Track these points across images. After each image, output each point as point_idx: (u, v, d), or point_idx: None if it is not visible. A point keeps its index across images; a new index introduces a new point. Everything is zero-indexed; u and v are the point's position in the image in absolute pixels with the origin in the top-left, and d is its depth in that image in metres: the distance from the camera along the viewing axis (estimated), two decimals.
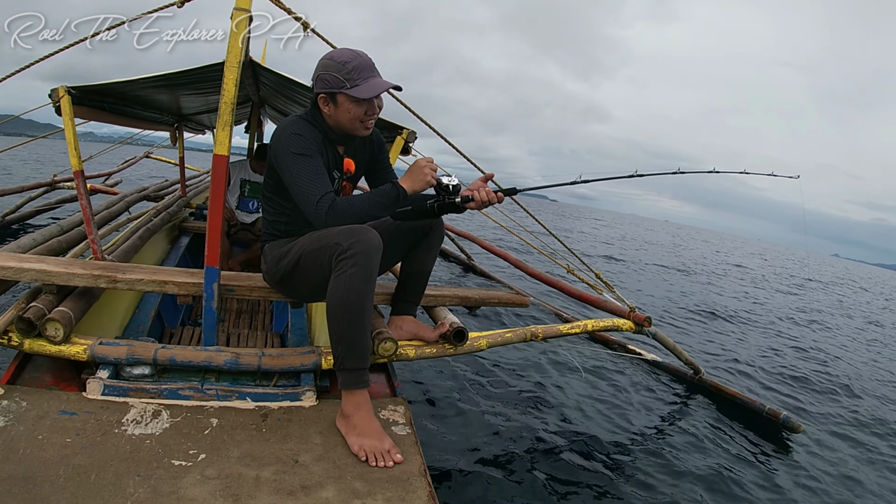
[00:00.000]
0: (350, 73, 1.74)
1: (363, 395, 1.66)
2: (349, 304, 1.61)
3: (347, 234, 1.65)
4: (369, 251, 1.62)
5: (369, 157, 2.10)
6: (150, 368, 1.78)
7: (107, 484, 1.27)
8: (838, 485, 2.98)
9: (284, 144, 1.78)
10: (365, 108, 1.81)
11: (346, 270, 1.61)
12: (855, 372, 5.96)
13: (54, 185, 6.46)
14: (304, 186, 1.72)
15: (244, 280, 2.08)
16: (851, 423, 4.08)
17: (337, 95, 1.78)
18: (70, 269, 1.91)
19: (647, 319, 2.96)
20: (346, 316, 1.63)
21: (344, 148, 1.99)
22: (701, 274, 14.63)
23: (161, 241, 3.83)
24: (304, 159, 1.75)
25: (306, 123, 1.85)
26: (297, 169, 1.74)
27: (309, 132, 1.82)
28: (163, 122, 4.32)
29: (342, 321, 1.64)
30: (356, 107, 1.79)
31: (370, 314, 1.69)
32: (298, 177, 1.74)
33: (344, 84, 1.75)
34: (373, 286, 1.66)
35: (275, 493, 1.32)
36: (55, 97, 2.23)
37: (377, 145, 2.12)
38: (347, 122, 1.83)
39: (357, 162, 2.04)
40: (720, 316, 7.96)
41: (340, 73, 1.74)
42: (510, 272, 7.27)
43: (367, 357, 1.68)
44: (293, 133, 1.79)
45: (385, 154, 2.16)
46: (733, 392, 3.83)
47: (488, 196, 1.85)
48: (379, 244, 1.66)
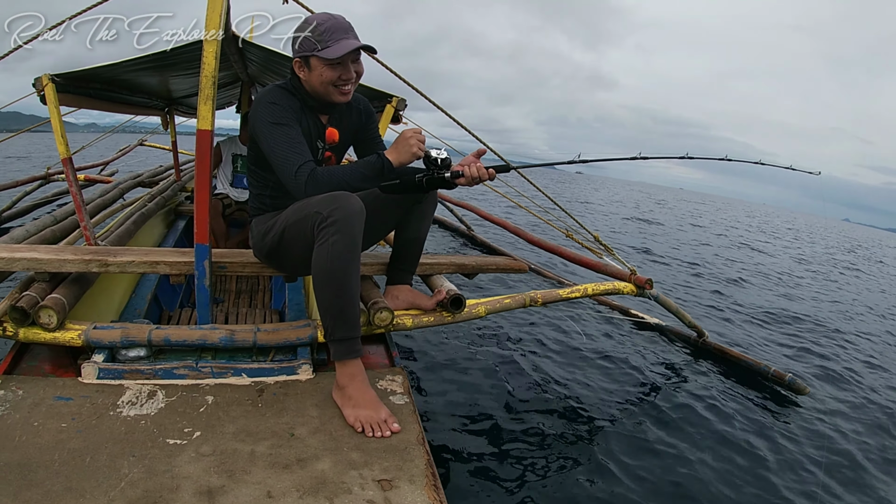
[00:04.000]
0: (322, 35, 1.69)
1: (356, 364, 1.64)
2: (334, 274, 1.58)
3: (327, 202, 1.61)
4: (350, 217, 1.58)
5: (356, 126, 2.05)
6: (145, 350, 1.77)
7: (101, 466, 1.27)
8: (844, 446, 2.95)
9: (261, 114, 1.74)
10: (339, 71, 1.75)
11: (328, 239, 1.58)
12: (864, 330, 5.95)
13: (48, 177, 6.41)
14: (282, 156, 1.69)
15: (236, 256, 2.05)
16: (859, 386, 4.06)
17: (310, 59, 1.73)
18: (61, 256, 1.90)
19: (649, 281, 2.92)
20: (332, 285, 1.60)
21: (328, 117, 1.94)
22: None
23: (157, 225, 3.81)
24: (280, 128, 1.71)
25: (283, 92, 1.81)
26: (273, 139, 1.71)
27: (286, 100, 1.78)
28: (153, 107, 4.26)
29: (328, 291, 1.61)
30: (329, 70, 1.74)
31: (357, 282, 1.65)
32: (276, 146, 1.70)
33: (315, 46, 1.70)
34: (357, 253, 1.63)
35: (270, 467, 1.31)
36: (39, 86, 2.20)
37: (365, 115, 2.07)
38: (320, 86, 1.78)
39: (341, 131, 1.98)
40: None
41: (313, 35, 1.69)
42: (511, 244, 7.24)
43: (356, 326, 1.65)
44: (269, 102, 1.75)
45: (374, 124, 2.10)
46: (737, 354, 3.80)
47: (479, 172, 1.78)
48: (360, 209, 1.61)
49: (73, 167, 2.37)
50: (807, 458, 2.72)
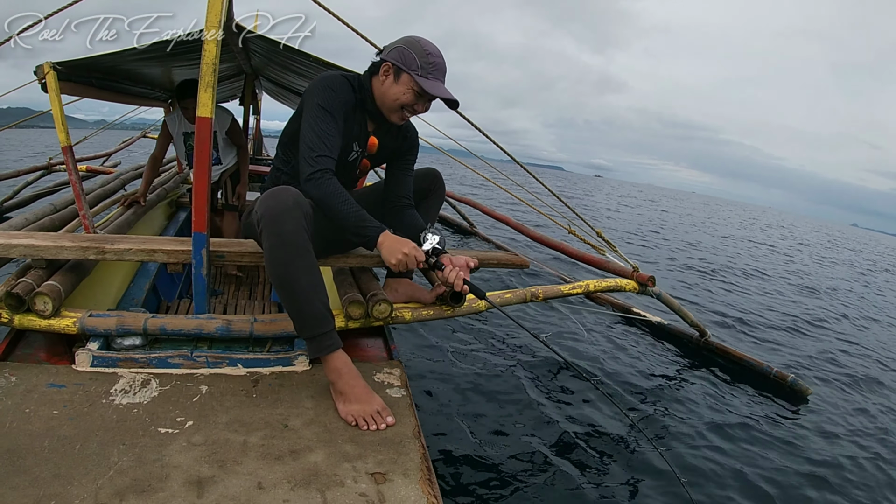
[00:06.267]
0: (428, 65, 1.73)
1: (338, 358, 1.59)
2: (278, 278, 1.55)
3: (262, 202, 1.58)
4: (275, 216, 1.53)
5: (397, 148, 2.05)
6: (140, 339, 1.75)
7: (91, 454, 1.24)
8: (847, 447, 2.93)
9: (316, 93, 1.76)
10: (416, 102, 1.79)
11: (264, 243, 1.56)
12: (866, 334, 5.90)
13: (50, 167, 6.41)
14: (313, 140, 1.70)
15: (234, 245, 2.03)
16: (861, 386, 4.02)
17: (403, 73, 1.74)
18: (58, 243, 1.88)
19: (651, 279, 2.90)
20: (281, 289, 1.57)
21: (376, 126, 1.94)
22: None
23: (158, 216, 3.80)
24: (325, 114, 1.73)
25: (346, 84, 1.82)
26: (314, 121, 1.72)
27: (343, 92, 1.79)
28: (156, 98, 4.24)
29: (281, 295, 1.58)
30: (411, 94, 1.76)
31: (308, 276, 1.56)
32: (313, 128, 1.72)
33: (417, 68, 1.72)
34: (295, 248, 1.54)
35: (262, 458, 1.28)
36: (40, 73, 2.18)
37: (409, 143, 2.07)
38: (392, 100, 1.79)
39: (382, 145, 1.99)
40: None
41: (420, 58, 1.73)
42: (515, 242, 7.22)
43: (322, 321, 1.58)
44: (327, 86, 1.77)
45: (412, 155, 2.09)
46: (740, 354, 3.78)
47: (455, 282, 1.74)
48: (292, 204, 1.54)
49: (73, 156, 2.35)
50: (809, 458, 2.70)
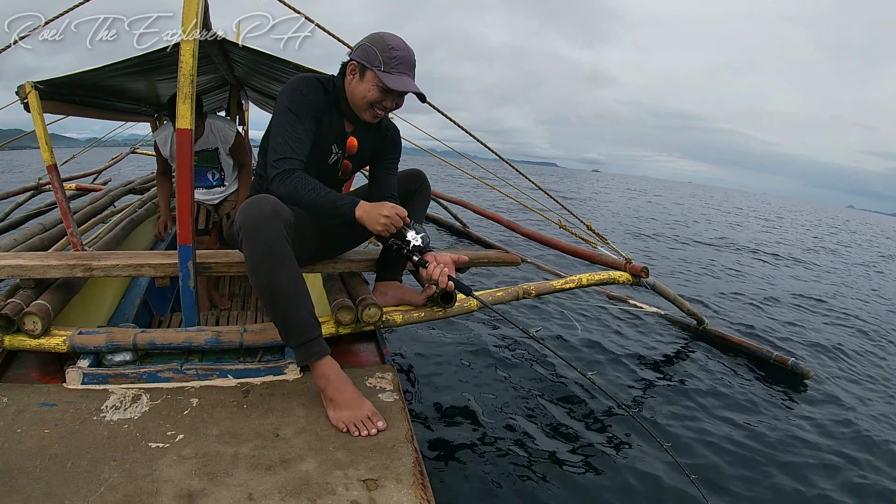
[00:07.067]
0: (391, 59, 1.71)
1: (326, 365, 1.58)
2: (260, 287, 1.54)
3: (241, 210, 1.57)
4: (254, 225, 1.52)
5: (376, 147, 2.03)
6: (131, 354, 1.75)
7: (82, 471, 1.24)
8: (849, 428, 2.92)
9: (283, 96, 1.76)
10: (384, 98, 1.77)
11: (245, 253, 1.55)
12: (866, 312, 5.91)
13: (40, 188, 6.37)
14: (277, 143, 1.70)
15: (221, 257, 2.03)
16: (864, 368, 4.03)
17: (367, 70, 1.73)
18: (45, 262, 1.89)
19: (645, 270, 2.90)
20: (265, 298, 1.57)
21: (353, 128, 1.93)
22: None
23: (148, 231, 3.78)
24: (291, 117, 1.72)
25: (317, 85, 1.81)
26: (280, 123, 1.72)
27: (313, 94, 1.79)
28: (142, 113, 4.23)
29: (265, 304, 1.58)
30: (377, 91, 1.74)
31: (291, 284, 1.56)
32: (279, 131, 1.71)
33: (380, 64, 1.71)
34: (276, 256, 1.53)
35: (252, 468, 1.28)
36: (22, 93, 2.18)
37: (390, 142, 2.04)
38: (360, 98, 1.78)
39: (362, 145, 1.97)
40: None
41: (382, 53, 1.71)
42: (507, 240, 7.22)
43: (308, 328, 1.58)
44: (295, 89, 1.77)
45: (395, 155, 2.06)
46: (739, 340, 3.78)
47: (440, 279, 1.74)
48: (269, 212, 1.53)
49: (58, 174, 2.34)
50: (812, 442, 2.69)
